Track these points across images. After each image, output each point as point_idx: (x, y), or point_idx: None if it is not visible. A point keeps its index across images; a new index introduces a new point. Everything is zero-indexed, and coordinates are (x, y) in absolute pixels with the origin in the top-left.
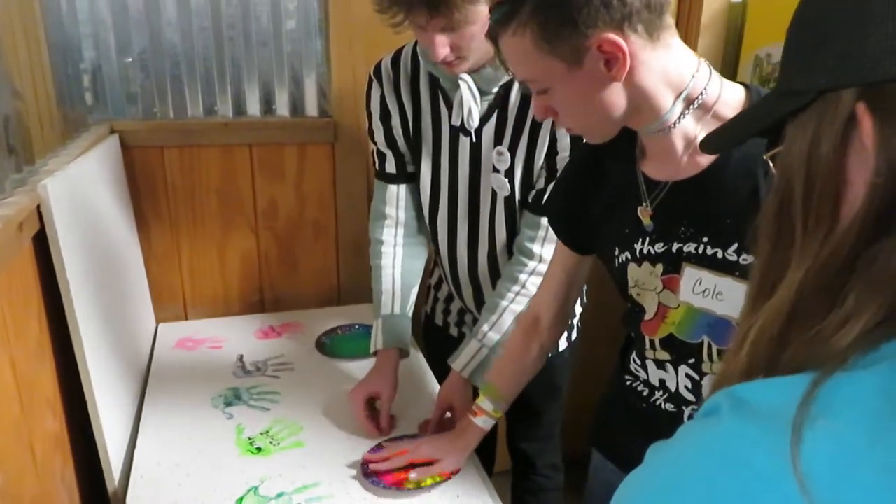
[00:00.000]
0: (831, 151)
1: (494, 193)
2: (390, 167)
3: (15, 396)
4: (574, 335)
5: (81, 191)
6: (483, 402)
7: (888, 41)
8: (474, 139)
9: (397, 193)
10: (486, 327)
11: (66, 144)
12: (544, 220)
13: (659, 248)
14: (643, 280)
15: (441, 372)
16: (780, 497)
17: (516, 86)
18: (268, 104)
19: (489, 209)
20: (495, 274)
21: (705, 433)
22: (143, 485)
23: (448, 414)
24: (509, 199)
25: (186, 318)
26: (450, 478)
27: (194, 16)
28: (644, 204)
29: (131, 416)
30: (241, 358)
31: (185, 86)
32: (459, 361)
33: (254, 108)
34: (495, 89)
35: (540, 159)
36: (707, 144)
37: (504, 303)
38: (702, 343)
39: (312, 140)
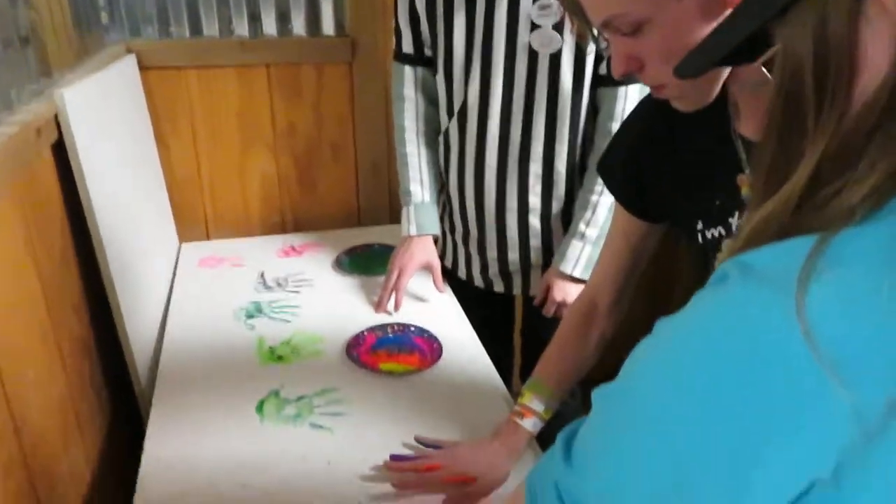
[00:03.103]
0: (842, 29)
1: (534, 54)
2: (407, 47)
3: (41, 298)
4: None
5: (100, 104)
6: (531, 401)
7: None
8: None
9: (414, 75)
10: (582, 226)
11: (83, 61)
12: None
13: None
14: None
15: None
16: (784, 349)
17: None
18: (283, 22)
19: (525, 71)
20: (526, 154)
21: (713, 297)
22: (170, 388)
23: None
24: (555, 58)
25: (208, 239)
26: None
27: None
28: (746, 171)
29: (156, 324)
30: (262, 274)
31: (201, 4)
32: (567, 264)
33: (270, 26)
34: None
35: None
36: (685, 67)
37: (594, 197)
38: None
39: (330, 59)
